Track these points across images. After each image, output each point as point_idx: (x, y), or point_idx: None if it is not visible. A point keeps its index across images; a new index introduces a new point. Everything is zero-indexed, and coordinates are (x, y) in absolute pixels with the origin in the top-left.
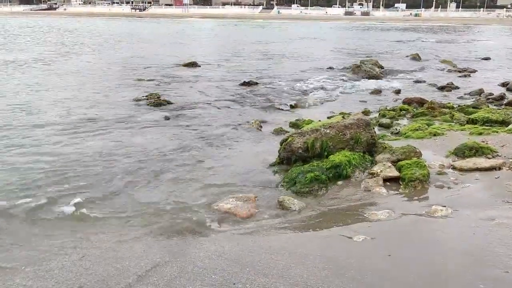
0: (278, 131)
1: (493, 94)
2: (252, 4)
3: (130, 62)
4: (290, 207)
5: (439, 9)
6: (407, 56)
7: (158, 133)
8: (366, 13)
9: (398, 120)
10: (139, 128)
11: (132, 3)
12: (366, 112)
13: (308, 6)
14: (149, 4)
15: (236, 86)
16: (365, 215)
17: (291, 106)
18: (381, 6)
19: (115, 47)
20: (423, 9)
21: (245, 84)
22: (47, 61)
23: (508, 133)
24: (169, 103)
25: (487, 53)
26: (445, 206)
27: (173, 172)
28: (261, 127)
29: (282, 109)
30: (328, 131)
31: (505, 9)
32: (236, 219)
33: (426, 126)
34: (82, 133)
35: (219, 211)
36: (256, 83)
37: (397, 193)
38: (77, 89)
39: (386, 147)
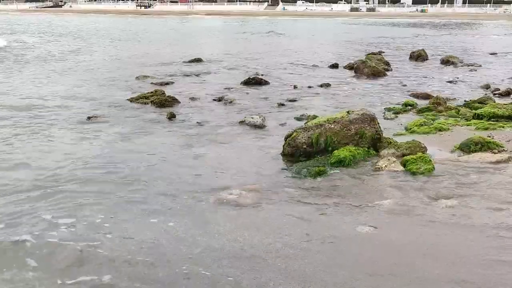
0: (283, 126)
1: (499, 89)
2: (257, 0)
3: (134, 59)
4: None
5: (445, 4)
6: (413, 52)
7: (163, 130)
8: (371, 9)
9: (403, 115)
10: (144, 125)
11: (137, 0)
12: (371, 107)
13: (313, 3)
14: (154, 1)
15: (240, 82)
16: (369, 209)
17: (294, 102)
18: (386, 2)
19: (119, 44)
20: (429, 4)
21: (250, 80)
22: (55, 58)
23: None
24: (174, 99)
25: (493, 48)
26: (450, 200)
27: (178, 168)
28: (266, 122)
29: (286, 105)
30: (332, 126)
31: (511, 4)
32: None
33: (432, 121)
34: (88, 130)
35: (224, 201)
36: (261, 79)
37: (401, 188)
38: (81, 86)
39: (391, 142)
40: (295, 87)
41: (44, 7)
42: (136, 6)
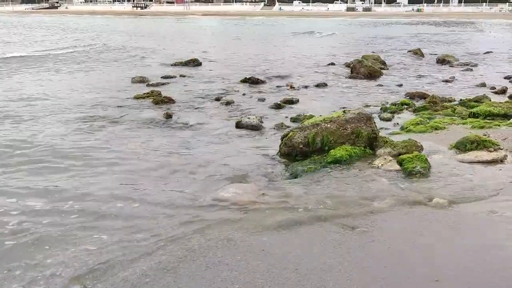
0: (279, 126)
1: (495, 88)
2: (253, 1)
3: (131, 59)
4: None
5: (441, 4)
6: (409, 51)
7: (160, 131)
8: (367, 9)
9: (399, 114)
10: (141, 126)
11: (133, 1)
12: (367, 107)
13: (309, 3)
14: (151, 2)
15: (237, 83)
16: (365, 207)
17: (290, 102)
18: (382, 2)
19: (116, 45)
20: (425, 4)
21: (246, 80)
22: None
23: (510, 126)
24: (170, 100)
25: (489, 47)
26: (446, 199)
27: (175, 168)
28: (262, 122)
29: (283, 105)
30: (329, 125)
31: (507, 3)
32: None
33: (428, 120)
34: (85, 131)
35: (220, 200)
36: (258, 79)
37: (398, 187)
38: (76, 86)
39: (387, 141)
40: (291, 87)
41: (40, 9)
42: (132, 7)
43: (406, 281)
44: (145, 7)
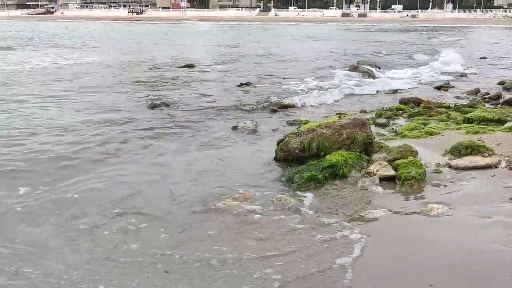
0: (275, 132)
1: (489, 93)
2: (249, 6)
3: (126, 64)
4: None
5: (436, 10)
6: (404, 57)
7: (155, 135)
8: (363, 15)
9: (394, 119)
10: (135, 131)
11: (129, 6)
12: (362, 112)
13: (305, 8)
14: (147, 7)
15: (232, 88)
16: (361, 214)
17: (285, 106)
18: (377, 8)
19: (112, 49)
20: (419, 10)
21: (241, 85)
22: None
23: (504, 131)
24: (166, 105)
25: (483, 52)
26: (441, 204)
27: (170, 173)
28: (258, 127)
29: (278, 110)
30: (324, 131)
31: (501, 9)
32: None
33: (423, 126)
34: (79, 136)
35: (215, 211)
36: (253, 85)
37: (393, 192)
38: (73, 91)
39: (382, 147)
40: (287, 92)
41: (35, 14)
42: (128, 12)
43: (401, 286)
44: (141, 12)
